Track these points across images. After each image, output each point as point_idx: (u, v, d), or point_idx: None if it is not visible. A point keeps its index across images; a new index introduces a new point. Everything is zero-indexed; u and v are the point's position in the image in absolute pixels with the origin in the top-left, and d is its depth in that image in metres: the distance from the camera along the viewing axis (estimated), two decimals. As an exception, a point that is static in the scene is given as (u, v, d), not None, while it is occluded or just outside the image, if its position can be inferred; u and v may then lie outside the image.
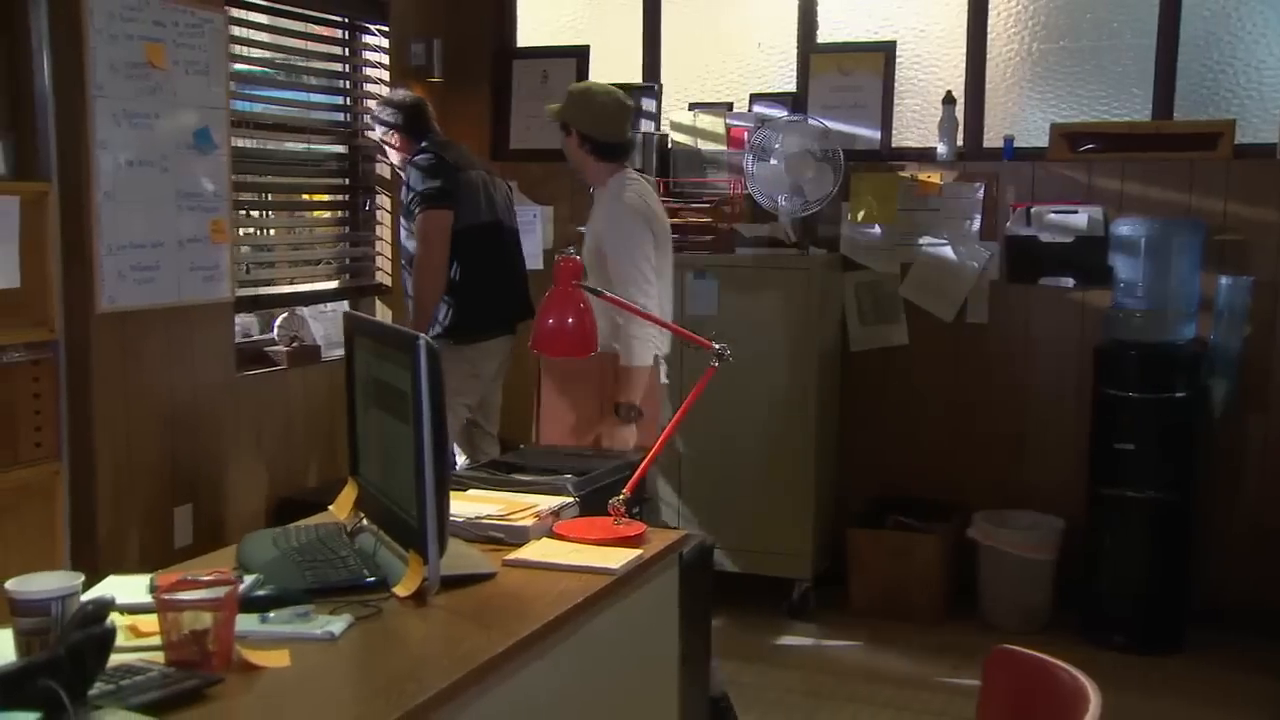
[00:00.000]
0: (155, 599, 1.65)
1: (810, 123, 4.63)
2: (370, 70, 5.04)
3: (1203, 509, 4.39)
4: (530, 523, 2.37)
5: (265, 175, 4.71)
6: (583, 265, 2.36)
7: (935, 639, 4.32)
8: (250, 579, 2.00)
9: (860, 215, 4.78)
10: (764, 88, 5.00)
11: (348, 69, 5.03)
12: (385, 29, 5.03)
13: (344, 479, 2.43)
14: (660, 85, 5.13)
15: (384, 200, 5.10)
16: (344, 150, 5.02)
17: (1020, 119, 4.76)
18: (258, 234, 4.85)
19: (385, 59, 5.03)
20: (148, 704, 1.47)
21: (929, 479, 4.81)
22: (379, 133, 4.38)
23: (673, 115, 5.04)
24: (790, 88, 4.96)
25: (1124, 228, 4.41)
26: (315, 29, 4.87)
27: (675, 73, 5.16)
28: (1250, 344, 4.34)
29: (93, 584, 1.94)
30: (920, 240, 4.73)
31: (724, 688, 3.22)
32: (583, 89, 3.67)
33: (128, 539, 3.73)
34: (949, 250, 4.70)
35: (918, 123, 4.85)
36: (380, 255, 5.11)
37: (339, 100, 5.03)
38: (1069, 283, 4.59)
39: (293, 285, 4.79)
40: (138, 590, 1.94)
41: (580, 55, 5.26)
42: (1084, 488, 4.40)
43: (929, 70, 4.84)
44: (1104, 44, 4.69)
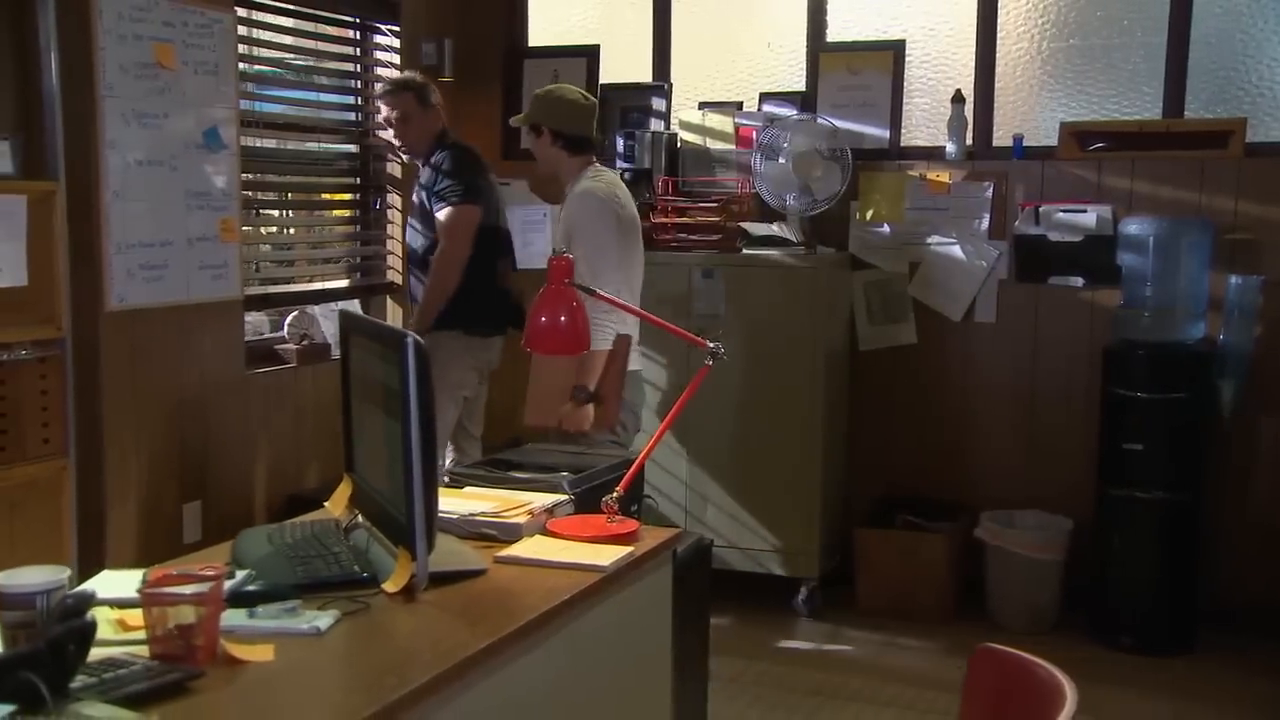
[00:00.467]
0: (140, 594, 1.67)
1: (819, 122, 4.63)
2: (381, 70, 5.07)
3: (1212, 509, 4.36)
4: (523, 520, 2.38)
5: (275, 175, 4.74)
6: (572, 263, 2.37)
7: (942, 639, 4.32)
8: (242, 574, 2.02)
9: (869, 214, 4.77)
10: (773, 87, 5.00)
11: (359, 69, 5.06)
12: (396, 29, 5.05)
13: (351, 476, 2.45)
14: (670, 84, 5.14)
15: (394, 199, 5.13)
16: (355, 150, 5.05)
17: (1030, 118, 4.74)
18: (267, 232, 4.88)
19: (396, 59, 5.06)
20: (128, 697, 1.48)
21: (937, 478, 4.80)
22: (393, 114, 4.29)
23: (682, 114, 5.05)
24: (800, 87, 4.95)
25: (1132, 227, 4.39)
26: (326, 29, 4.90)
27: (685, 72, 5.16)
28: (1261, 344, 4.31)
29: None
30: (929, 239, 4.72)
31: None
32: (549, 90, 3.80)
33: (136, 535, 3.76)
34: (958, 249, 4.68)
35: (927, 122, 4.84)
36: (391, 254, 5.14)
37: (350, 100, 5.06)
38: (1078, 282, 4.57)
39: (303, 284, 4.82)
40: (130, 585, 1.95)
41: (590, 55, 5.27)
42: (1092, 488, 4.38)
43: (938, 69, 4.83)
44: (1115, 42, 4.67)
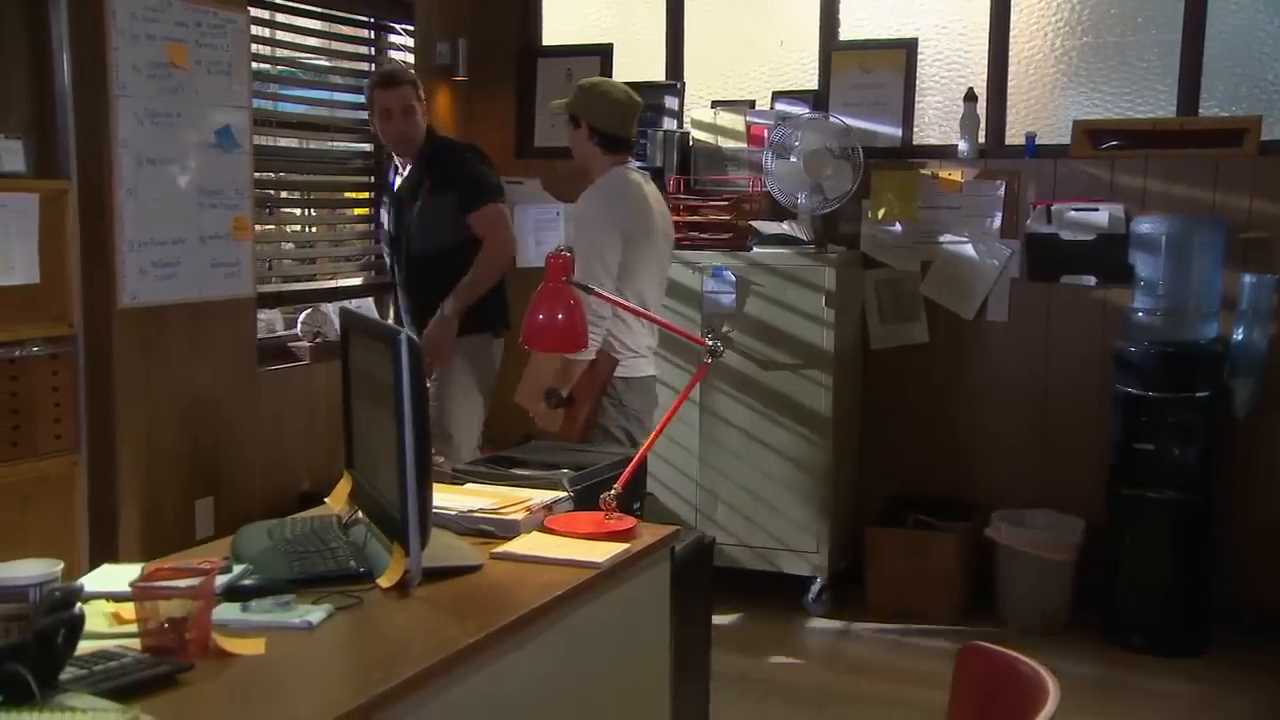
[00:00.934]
0: (132, 587, 1.69)
1: (830, 120, 4.63)
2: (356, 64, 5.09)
3: (1225, 510, 4.34)
4: (521, 516, 2.40)
5: (289, 173, 4.78)
6: (571, 261, 2.38)
7: (952, 638, 4.30)
8: (239, 568, 2.05)
9: (880, 213, 4.76)
10: (786, 85, 5.00)
11: (373, 68, 5.08)
12: (410, 28, 5.08)
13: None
14: (683, 83, 5.15)
15: (408, 198, 5.14)
16: (369, 149, 5.07)
17: (1043, 116, 4.72)
18: (281, 230, 4.91)
19: (410, 58, 5.08)
20: (116, 689, 1.51)
21: (948, 478, 4.79)
22: (397, 106, 4.12)
23: (694, 113, 5.05)
24: (812, 85, 4.95)
25: (1145, 225, 4.36)
26: (341, 29, 4.93)
27: (698, 71, 5.17)
28: (1274, 343, 4.28)
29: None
30: (941, 238, 4.71)
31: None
32: (594, 83, 3.70)
33: (149, 530, 3.80)
34: (969, 248, 4.67)
35: (939, 120, 4.83)
36: (404, 252, 5.16)
37: (364, 99, 5.07)
38: (1090, 281, 4.55)
39: (317, 281, 4.85)
40: (128, 579, 1.98)
41: (604, 54, 5.28)
42: (1104, 488, 4.36)
43: (951, 67, 4.81)
44: (1129, 39, 4.65)
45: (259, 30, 4.35)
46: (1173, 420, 4.18)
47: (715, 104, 5.06)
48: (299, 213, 5.02)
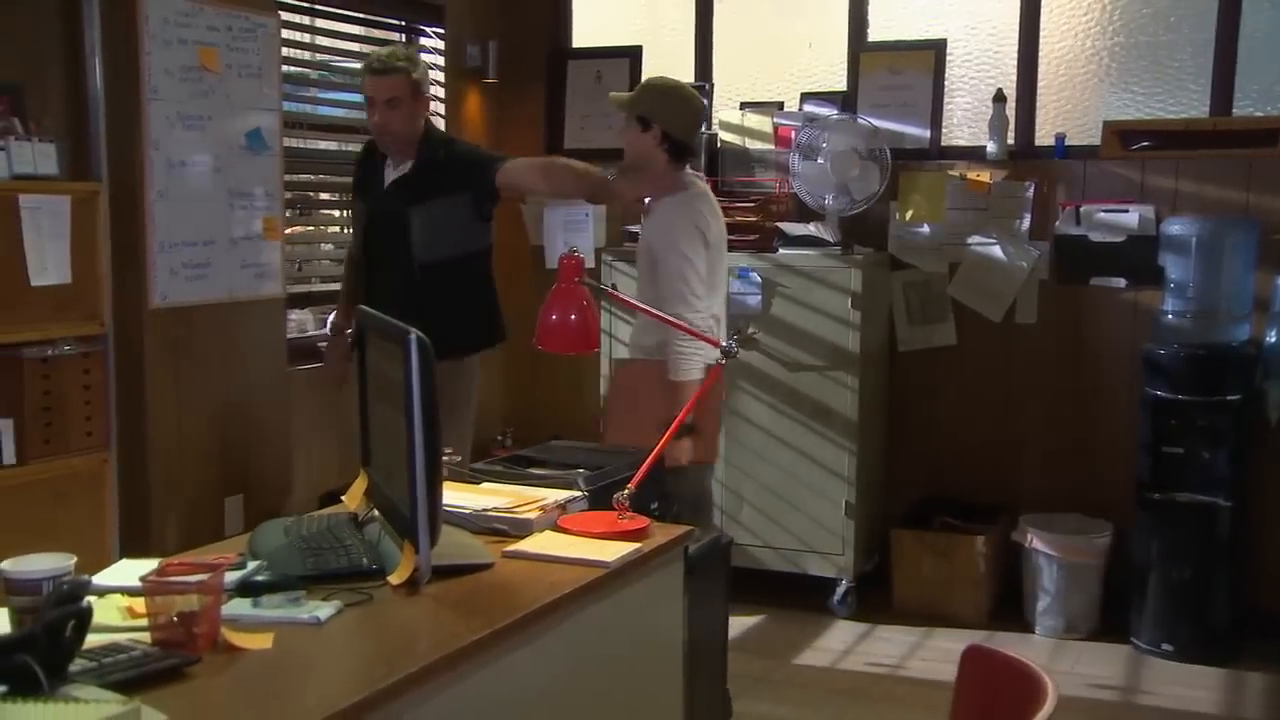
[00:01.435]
0: (142, 582, 1.73)
1: (858, 122, 4.62)
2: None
3: (1256, 515, 4.29)
4: (534, 515, 2.42)
5: (319, 174, 4.83)
6: (583, 262, 2.39)
7: (978, 642, 4.27)
8: (253, 564, 2.08)
9: (908, 214, 4.75)
10: (814, 87, 4.99)
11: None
12: (441, 31, 5.12)
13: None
14: (711, 85, 5.15)
15: (438, 199, 5.19)
16: (400, 150, 5.11)
17: (1072, 117, 4.69)
18: (312, 231, 4.97)
19: (441, 60, 5.13)
20: (123, 681, 1.54)
21: (976, 480, 4.76)
22: (383, 97, 3.69)
23: (722, 114, 5.06)
24: (841, 87, 4.94)
25: (1176, 227, 4.32)
26: (372, 32, 4.98)
27: (727, 73, 5.17)
28: (1308, 347, 4.22)
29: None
30: (969, 239, 4.69)
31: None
32: (671, 85, 3.48)
33: (179, 527, 3.85)
34: (998, 250, 4.65)
35: (968, 121, 4.81)
36: (434, 253, 5.20)
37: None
38: (1120, 283, 4.52)
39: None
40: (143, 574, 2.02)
41: (633, 55, 5.30)
42: (1133, 492, 4.32)
43: (980, 68, 4.79)
44: (1161, 39, 4.60)
45: (290, 34, 4.40)
46: (1203, 424, 4.14)
47: (744, 105, 5.07)
48: (336, 214, 5.06)
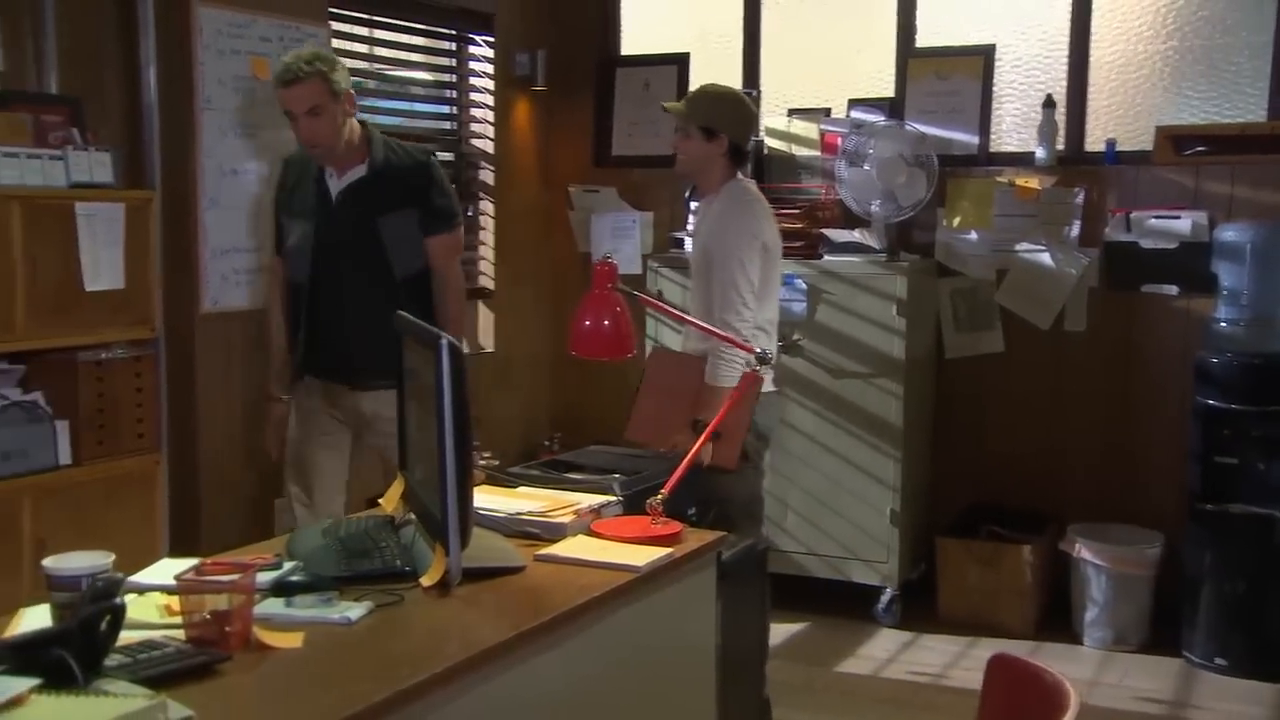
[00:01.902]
0: (176, 581, 1.77)
1: (905, 128, 4.60)
2: (475, 80, 5.20)
3: (1312, 527, 4.20)
4: (568, 519, 2.44)
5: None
6: (616, 268, 2.41)
7: (1023, 653, 4.22)
8: (288, 565, 2.12)
9: (956, 221, 4.72)
10: (862, 93, 4.97)
11: (455, 79, 5.19)
12: (491, 40, 5.17)
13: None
14: (759, 91, 5.15)
15: (487, 206, 5.25)
16: (450, 158, 5.18)
17: (1124, 122, 4.63)
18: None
19: (490, 69, 5.18)
20: (155, 677, 1.58)
21: (1024, 489, 4.72)
22: (301, 108, 3.31)
23: (769, 121, 5.06)
24: (888, 93, 4.92)
25: (1229, 233, 4.26)
26: (423, 41, 5.04)
27: (774, 79, 5.17)
28: (1366, 356, 4.13)
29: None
30: (1017, 246, 4.65)
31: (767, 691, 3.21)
32: (727, 91, 3.50)
33: (229, 528, 3.92)
34: (1047, 256, 4.60)
35: (1017, 127, 4.77)
36: (483, 260, 5.26)
37: (445, 110, 5.20)
38: (1172, 290, 4.45)
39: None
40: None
41: (681, 63, 5.32)
42: (1185, 502, 4.26)
43: (1029, 73, 4.75)
44: (1217, 42, 4.53)
45: (341, 44, 4.47)
46: (1256, 434, 4.07)
47: (791, 112, 5.06)
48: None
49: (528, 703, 1.91)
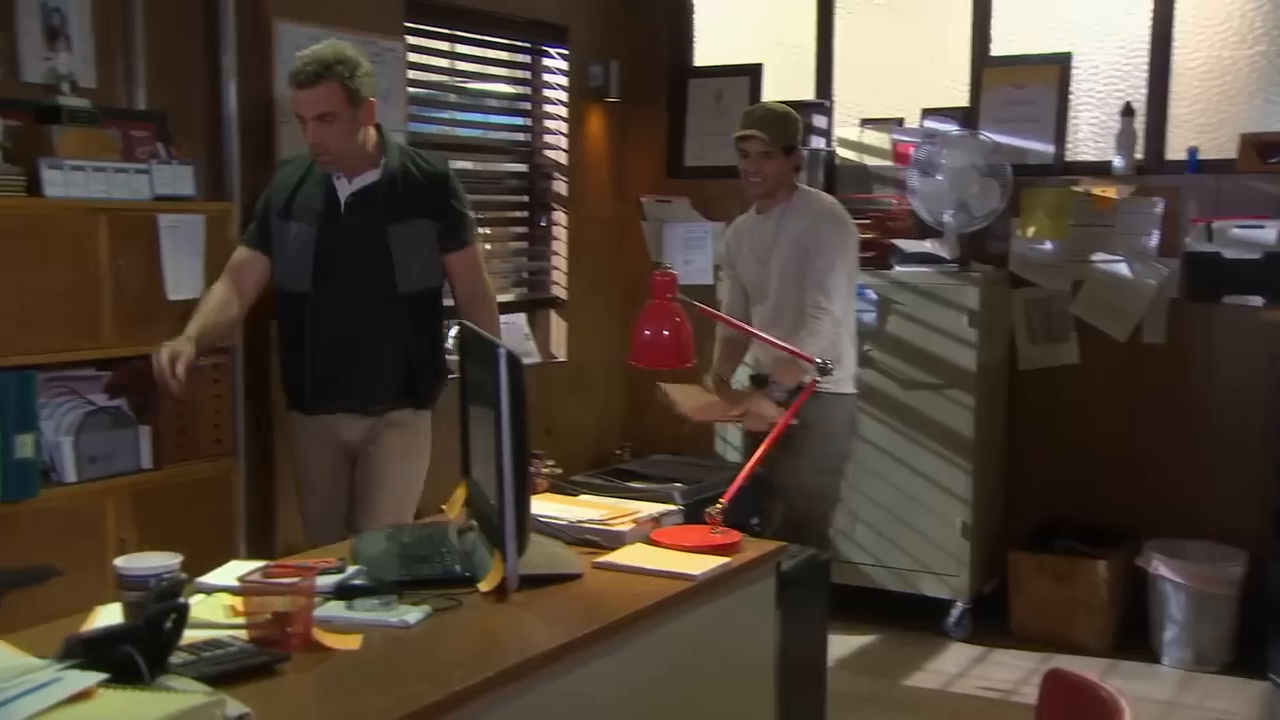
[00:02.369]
0: (240, 583, 1.83)
1: (978, 137, 4.56)
2: (549, 92, 5.25)
3: (1402, 547, 4.07)
4: (627, 528, 2.46)
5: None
6: (676, 279, 2.43)
7: (1097, 670, 4.15)
8: (352, 569, 2.17)
9: (1030, 231, 4.66)
10: (936, 103, 4.94)
11: (530, 91, 5.26)
12: (565, 52, 5.23)
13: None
14: (832, 102, 5.14)
15: (560, 216, 5.30)
16: (524, 169, 5.24)
17: (1206, 130, 4.53)
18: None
19: (564, 80, 5.23)
20: (217, 674, 1.63)
21: (1100, 503, 4.63)
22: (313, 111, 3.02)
23: (841, 131, 5.04)
24: (963, 102, 4.88)
25: (1315, 243, 4.15)
26: (498, 54, 5.11)
27: (847, 89, 5.15)
28: None
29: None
30: (1093, 257, 4.58)
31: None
32: (789, 109, 3.69)
33: (301, 532, 4.00)
34: (1124, 267, 4.52)
35: (1094, 136, 4.69)
36: (556, 269, 5.31)
37: (519, 121, 5.26)
38: (1256, 301, 4.34)
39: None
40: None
41: (753, 74, 5.32)
42: (1269, 518, 4.14)
43: (1108, 81, 4.67)
44: (1305, 47, 4.43)
45: (417, 57, 4.55)
46: (1343, 450, 3.96)
47: (863, 122, 5.05)
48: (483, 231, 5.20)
49: (581, 708, 1.93)
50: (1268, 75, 4.48)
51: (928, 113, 4.91)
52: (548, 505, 2.59)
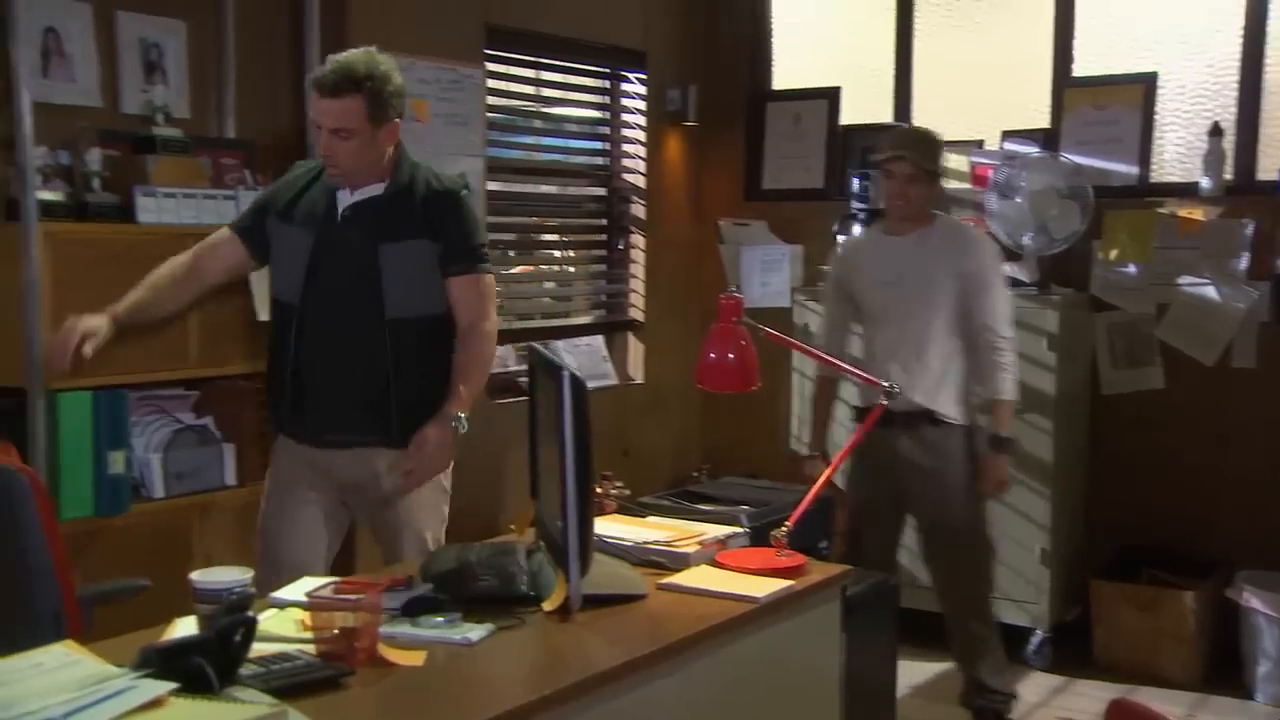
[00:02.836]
0: (307, 598, 1.88)
1: (1058, 159, 4.51)
2: (628, 116, 5.31)
3: None
4: (692, 549, 2.48)
5: (522, 216, 5.05)
6: (742, 302, 2.44)
7: (1182, 704, 4.06)
8: (421, 586, 2.22)
9: (1113, 254, 4.58)
10: (1016, 124, 4.88)
11: (609, 115, 5.32)
12: (644, 77, 5.28)
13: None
14: (910, 124, 5.11)
15: (638, 239, 5.34)
16: (603, 192, 5.30)
17: (1300, 150, 4.43)
18: (515, 272, 5.19)
19: (643, 105, 5.28)
20: (284, 687, 1.68)
21: (1187, 532, 4.52)
22: (369, 113, 2.75)
23: (920, 153, 5.01)
24: (1044, 124, 4.82)
25: None
26: (578, 79, 5.18)
27: (925, 111, 5.12)
28: None
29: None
30: (1179, 280, 4.48)
31: None
32: (926, 132, 3.73)
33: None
34: (1212, 290, 4.43)
35: (1180, 157, 4.61)
36: (634, 292, 5.36)
37: (598, 145, 5.32)
38: (1350, 325, 4.23)
39: (549, 320, 5.10)
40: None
41: (831, 97, 5.33)
42: (1366, 551, 4.03)
43: (1195, 101, 4.59)
44: (1401, 65, 4.31)
45: (496, 84, 4.63)
46: None
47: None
48: (555, 254, 5.28)
49: (641, 727, 1.95)
50: (1365, 91, 4.36)
51: (1007, 134, 4.86)
52: (614, 526, 2.62)
